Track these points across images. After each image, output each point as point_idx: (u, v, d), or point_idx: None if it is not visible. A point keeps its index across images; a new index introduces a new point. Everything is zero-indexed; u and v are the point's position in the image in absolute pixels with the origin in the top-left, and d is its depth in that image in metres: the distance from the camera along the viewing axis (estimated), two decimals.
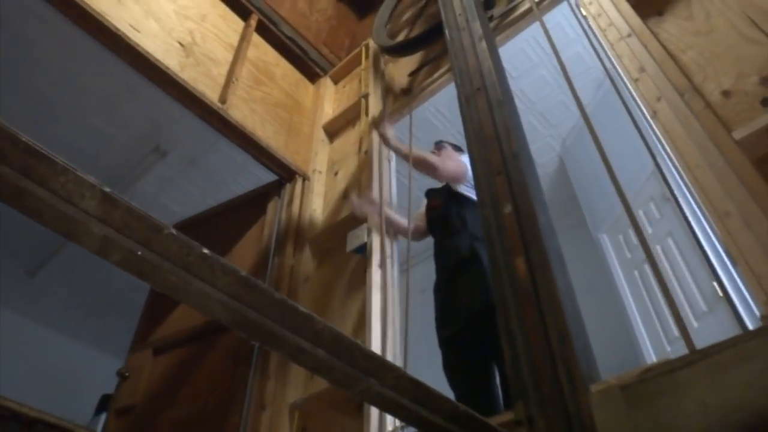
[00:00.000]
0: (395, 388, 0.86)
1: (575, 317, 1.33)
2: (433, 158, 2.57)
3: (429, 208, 2.68)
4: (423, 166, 2.52)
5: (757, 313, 2.46)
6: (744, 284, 2.36)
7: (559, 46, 2.28)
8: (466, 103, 1.98)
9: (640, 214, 3.43)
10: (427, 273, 4.64)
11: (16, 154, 0.53)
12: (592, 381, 1.21)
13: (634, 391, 1.13)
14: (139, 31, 2.59)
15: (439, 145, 2.94)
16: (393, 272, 2.34)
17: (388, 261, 2.33)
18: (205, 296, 0.68)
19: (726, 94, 1.49)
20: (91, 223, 0.59)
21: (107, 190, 0.60)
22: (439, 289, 2.38)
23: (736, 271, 2.39)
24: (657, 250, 3.21)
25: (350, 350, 0.81)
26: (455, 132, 4.22)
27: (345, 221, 2.60)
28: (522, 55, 4.01)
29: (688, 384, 1.07)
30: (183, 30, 2.87)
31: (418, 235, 2.66)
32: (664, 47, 1.71)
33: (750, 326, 2.60)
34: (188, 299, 0.68)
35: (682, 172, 1.60)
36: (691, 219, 2.81)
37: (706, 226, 2.57)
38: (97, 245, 0.61)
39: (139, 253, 0.63)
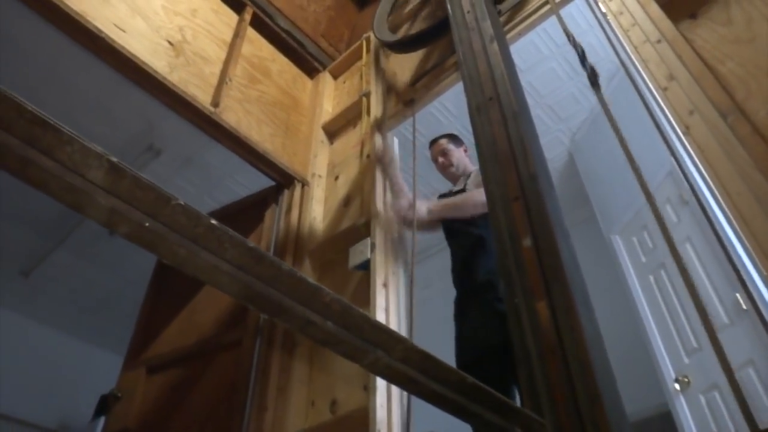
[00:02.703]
0: (404, 360, 0.86)
1: (605, 372, 1.18)
2: (455, 200, 2.40)
3: None
4: (450, 212, 2.38)
5: None
6: None
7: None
8: (477, 113, 1.82)
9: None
10: (431, 269, 4.52)
11: (22, 123, 0.52)
12: None
13: None
14: (124, 31, 2.42)
15: (435, 143, 2.79)
16: (398, 291, 2.19)
17: (392, 279, 2.18)
18: (214, 269, 0.68)
19: None
20: (98, 194, 0.58)
21: (114, 159, 0.59)
22: (457, 308, 2.26)
23: None
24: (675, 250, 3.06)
25: (359, 322, 0.80)
26: (460, 127, 4.04)
27: (346, 232, 2.44)
28: (531, 47, 3.82)
29: None
30: (172, 27, 2.69)
31: (428, 224, 2.48)
32: (700, 56, 1.54)
33: None
34: (197, 272, 0.67)
35: (718, 197, 1.45)
36: (716, 226, 2.66)
37: (731, 235, 2.41)
38: (104, 217, 0.60)
39: (147, 224, 0.62)
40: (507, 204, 1.50)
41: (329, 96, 3.44)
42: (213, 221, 0.68)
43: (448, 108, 4.10)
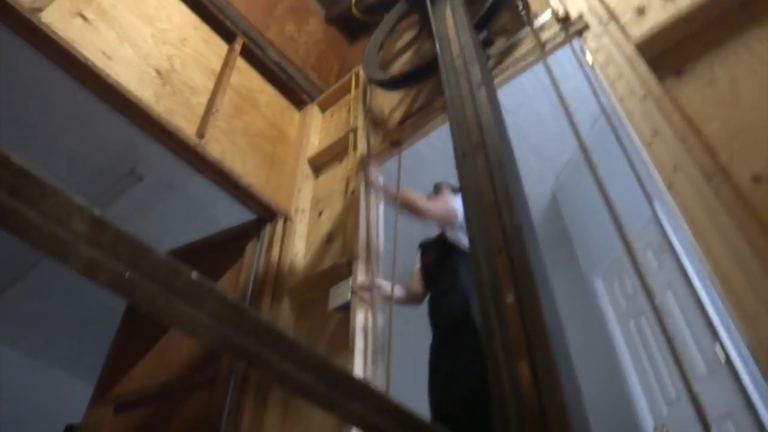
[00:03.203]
0: (378, 412, 0.89)
1: None
2: (418, 200, 2.43)
3: (423, 263, 2.52)
4: (408, 208, 2.39)
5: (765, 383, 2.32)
6: None
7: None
8: (463, 159, 1.81)
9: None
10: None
11: (6, 175, 0.54)
12: None
13: None
14: (111, 59, 2.40)
15: (437, 187, 2.81)
16: (377, 334, 2.15)
17: (372, 322, 2.14)
18: (191, 319, 0.70)
19: (757, 179, 1.33)
20: (80, 245, 0.60)
21: (96, 212, 0.61)
22: (431, 352, 2.22)
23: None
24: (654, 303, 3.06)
25: (335, 375, 0.83)
26: (446, 164, 4.04)
27: (328, 271, 2.41)
28: (518, 88, 3.86)
29: None
30: (161, 56, 2.67)
31: (415, 298, 2.51)
32: (684, 114, 1.56)
33: (754, 394, 2.45)
34: (174, 322, 0.69)
35: (701, 257, 1.44)
36: (693, 276, 2.67)
37: (712, 293, 2.42)
38: (84, 267, 0.61)
39: (127, 275, 0.64)
40: (491, 256, 1.48)
41: (316, 129, 3.44)
42: (193, 274, 0.69)
43: (435, 144, 4.11)
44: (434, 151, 4.17)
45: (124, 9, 2.58)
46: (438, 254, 2.39)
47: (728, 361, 2.48)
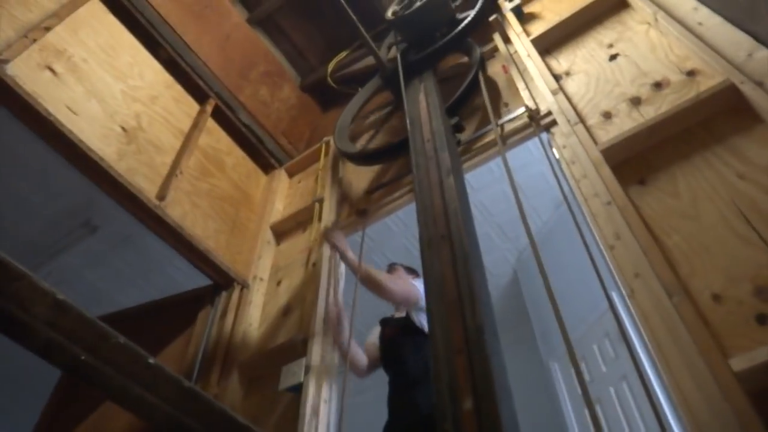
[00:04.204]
0: None
1: None
2: (380, 276, 2.38)
3: (384, 338, 2.46)
4: (369, 282, 2.32)
5: None
6: None
7: (522, 165, 2.15)
8: (428, 248, 1.79)
9: (593, 349, 3.28)
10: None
11: None
12: None
13: None
14: (76, 114, 2.34)
15: (392, 268, 2.78)
16: (328, 419, 2.06)
17: (324, 407, 2.05)
18: (145, 402, 0.70)
19: (716, 298, 1.34)
20: (40, 327, 0.61)
21: (60, 297, 0.63)
22: None
23: None
24: (610, 392, 3.05)
25: None
26: (411, 236, 4.06)
27: (281, 348, 2.32)
28: (484, 169, 3.92)
29: None
30: (128, 113, 2.62)
31: (368, 369, 2.45)
32: (647, 225, 1.58)
33: None
34: (127, 404, 0.69)
35: (662, 370, 1.43)
36: (648, 373, 2.67)
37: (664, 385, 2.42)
38: (41, 348, 0.63)
39: (83, 358, 0.65)
40: (450, 356, 1.44)
41: (282, 194, 3.40)
42: (151, 360, 0.71)
43: (400, 217, 4.12)
44: (399, 224, 4.17)
45: (95, 64, 2.55)
46: (400, 334, 2.33)
47: None
